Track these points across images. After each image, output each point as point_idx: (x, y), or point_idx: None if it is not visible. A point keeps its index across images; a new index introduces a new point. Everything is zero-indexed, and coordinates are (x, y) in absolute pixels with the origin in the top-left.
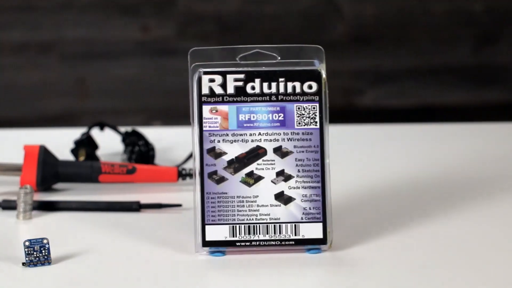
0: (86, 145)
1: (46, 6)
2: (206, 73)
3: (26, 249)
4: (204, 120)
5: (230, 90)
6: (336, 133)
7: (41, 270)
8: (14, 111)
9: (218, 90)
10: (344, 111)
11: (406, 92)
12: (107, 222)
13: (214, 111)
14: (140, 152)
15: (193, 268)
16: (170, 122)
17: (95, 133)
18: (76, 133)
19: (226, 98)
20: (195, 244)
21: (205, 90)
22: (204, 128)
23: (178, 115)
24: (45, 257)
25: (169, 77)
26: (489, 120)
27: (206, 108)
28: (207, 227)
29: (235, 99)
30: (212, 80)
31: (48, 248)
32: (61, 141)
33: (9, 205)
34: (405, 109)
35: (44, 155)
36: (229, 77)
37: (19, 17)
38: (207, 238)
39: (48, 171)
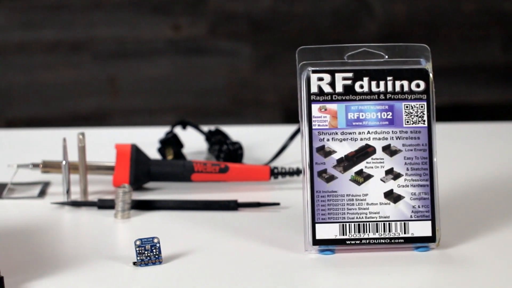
0: (172, 144)
1: (78, 4)
2: (314, 71)
3: (137, 249)
4: (313, 119)
5: (339, 88)
6: None
7: (153, 269)
8: (45, 110)
9: (327, 89)
10: None
11: (437, 91)
12: (207, 221)
13: (323, 110)
14: (228, 150)
15: (303, 267)
16: (201, 121)
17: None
18: (109, 132)
19: (335, 97)
20: (304, 242)
21: (314, 89)
22: (313, 127)
23: (209, 114)
24: (156, 256)
25: (200, 76)
26: None
27: (315, 107)
28: (317, 225)
29: (343, 98)
30: (320, 79)
31: (159, 247)
32: (96, 140)
33: (105, 204)
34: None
35: (136, 154)
36: (338, 76)
37: (51, 16)
38: (317, 237)
39: (140, 170)
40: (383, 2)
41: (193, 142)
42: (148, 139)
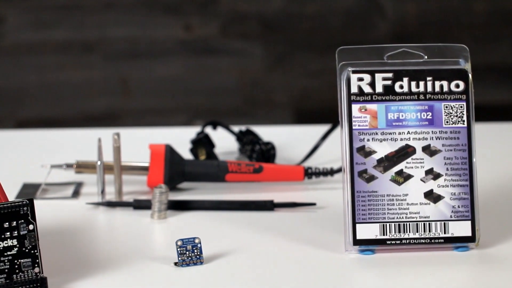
0: (204, 144)
1: (90, 5)
2: (355, 72)
3: (178, 249)
4: (353, 119)
5: (379, 89)
6: None
7: (194, 269)
8: (57, 110)
9: (367, 89)
10: None
11: None
12: (244, 221)
13: (363, 110)
14: (261, 150)
15: (345, 267)
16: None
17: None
18: (122, 132)
19: (375, 97)
20: (344, 242)
21: (354, 89)
22: (353, 127)
23: (220, 114)
24: (197, 256)
25: (211, 76)
26: None
27: (355, 107)
28: (357, 225)
29: (383, 98)
30: (360, 79)
31: (200, 248)
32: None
33: (141, 205)
34: None
35: (171, 154)
36: (378, 76)
37: (63, 16)
38: (358, 237)
39: (175, 170)
40: (394, 2)
41: (223, 142)
42: (167, 139)
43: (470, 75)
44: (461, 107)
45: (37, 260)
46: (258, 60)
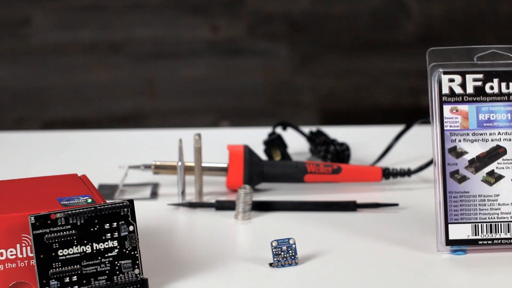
0: (278, 145)
1: (116, 5)
2: (446, 73)
3: (273, 250)
4: (445, 120)
5: (470, 90)
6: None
7: (289, 270)
8: (83, 111)
9: (458, 90)
10: (411, 111)
11: None
12: (328, 222)
13: (454, 111)
14: (336, 151)
15: (438, 267)
16: (239, 123)
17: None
18: (144, 134)
19: (466, 98)
20: (437, 242)
21: (445, 90)
22: (445, 128)
23: (246, 114)
24: (292, 257)
25: (238, 77)
26: None
27: (446, 108)
28: (450, 226)
29: (474, 99)
30: (451, 80)
31: (295, 248)
32: (128, 142)
33: (223, 206)
34: None
35: (250, 155)
36: (468, 77)
37: (89, 16)
38: (450, 237)
39: (254, 171)
40: (420, 4)
41: (292, 142)
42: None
43: None
44: None
45: (137, 262)
46: (284, 61)
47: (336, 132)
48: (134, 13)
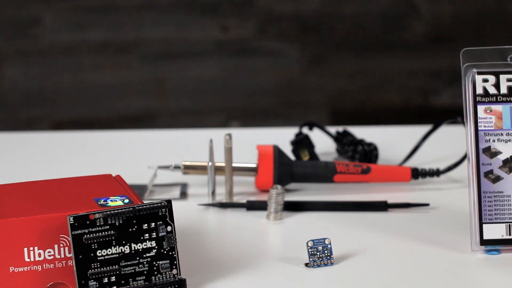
0: (305, 145)
1: (127, 5)
2: (480, 73)
3: (309, 250)
4: (479, 120)
5: (503, 90)
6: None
7: (325, 270)
8: (93, 111)
9: (492, 90)
10: (420, 111)
11: None
12: (359, 222)
13: (488, 111)
14: (364, 151)
15: (473, 267)
16: (249, 123)
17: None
18: (154, 135)
19: (500, 98)
20: (471, 242)
21: (479, 90)
22: (479, 128)
23: (256, 115)
24: (328, 257)
25: (248, 77)
26: None
27: (480, 108)
28: (484, 226)
29: (508, 99)
30: (485, 80)
31: (330, 248)
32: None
33: (254, 206)
34: None
35: (279, 155)
36: (502, 77)
37: (99, 17)
38: (485, 237)
39: (283, 171)
40: (430, 3)
41: (317, 142)
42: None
43: None
44: None
45: (175, 262)
46: (294, 61)
47: (362, 132)
48: (144, 14)
